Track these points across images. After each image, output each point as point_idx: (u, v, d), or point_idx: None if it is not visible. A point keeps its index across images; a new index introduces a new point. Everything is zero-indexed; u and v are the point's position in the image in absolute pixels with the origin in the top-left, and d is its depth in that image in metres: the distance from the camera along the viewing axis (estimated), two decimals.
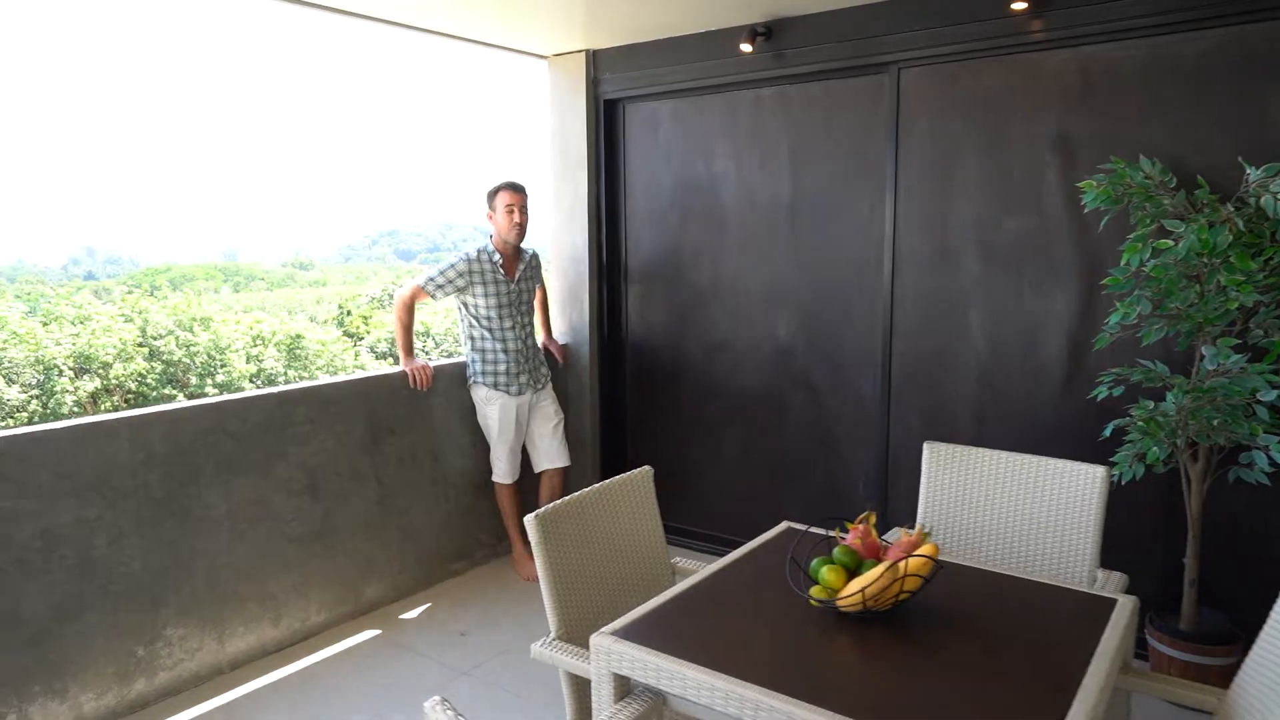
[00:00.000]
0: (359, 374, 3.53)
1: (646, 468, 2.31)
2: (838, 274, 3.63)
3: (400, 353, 3.69)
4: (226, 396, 3.01)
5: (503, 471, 3.82)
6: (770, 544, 2.14)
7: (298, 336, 21.26)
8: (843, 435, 3.71)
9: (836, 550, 1.73)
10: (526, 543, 3.94)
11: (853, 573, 1.69)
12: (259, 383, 19.59)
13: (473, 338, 3.74)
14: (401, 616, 3.46)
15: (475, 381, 3.77)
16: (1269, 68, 2.69)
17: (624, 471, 2.25)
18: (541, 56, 4.26)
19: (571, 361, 4.38)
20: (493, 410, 3.74)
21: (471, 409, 3.83)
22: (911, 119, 3.36)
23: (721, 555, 2.10)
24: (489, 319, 3.68)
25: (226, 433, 2.97)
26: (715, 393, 4.05)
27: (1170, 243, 2.48)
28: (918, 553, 1.63)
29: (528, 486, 3.98)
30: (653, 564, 2.22)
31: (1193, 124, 2.82)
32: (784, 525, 2.27)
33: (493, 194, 3.65)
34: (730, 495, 4.06)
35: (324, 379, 3.39)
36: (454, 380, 3.79)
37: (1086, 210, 2.67)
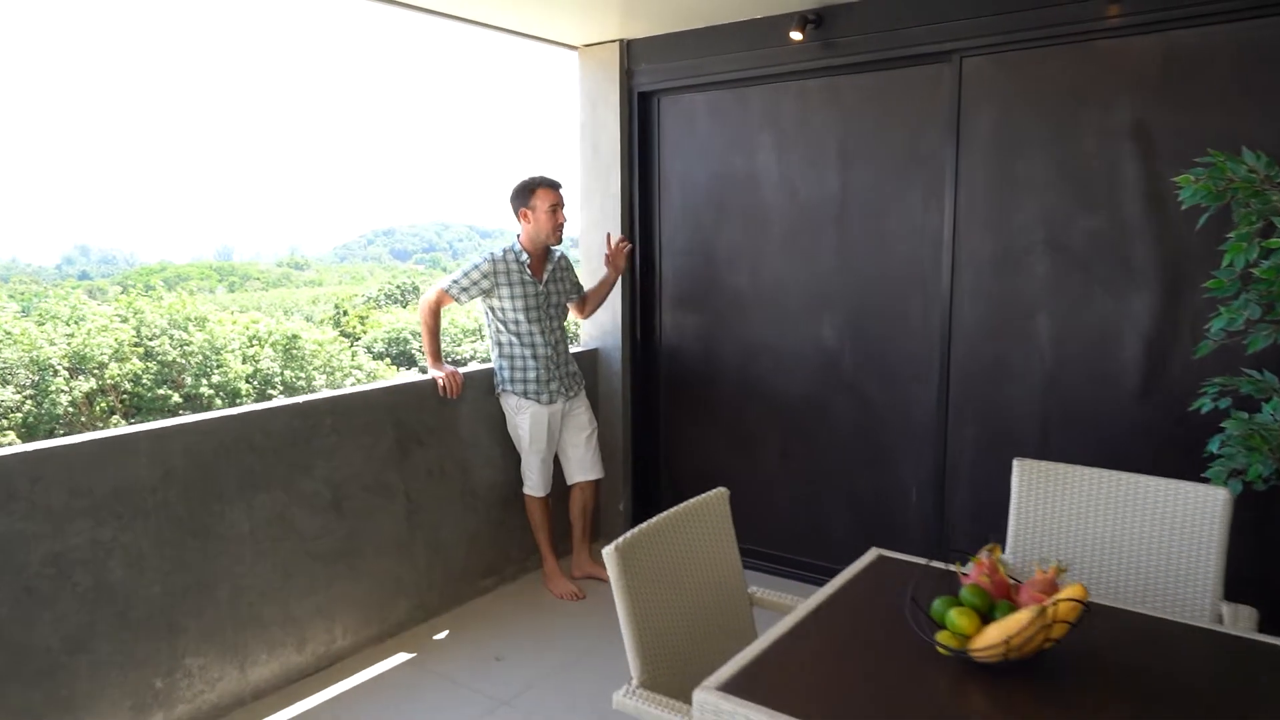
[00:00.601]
0: (385, 382, 3.32)
1: (722, 489, 2.11)
2: (891, 275, 3.44)
3: (428, 359, 3.48)
4: (251, 407, 2.80)
5: (534, 484, 3.62)
6: (865, 576, 1.95)
7: (294, 336, 20.99)
8: (893, 445, 3.52)
9: (964, 591, 1.53)
10: (559, 558, 3.74)
11: (984, 616, 1.50)
12: (255, 384, 19.32)
13: (500, 343, 3.54)
14: (432, 638, 3.26)
15: (504, 390, 3.57)
16: None
17: (656, 484, 2.06)
18: (572, 47, 4.06)
19: (603, 367, 4.18)
20: (523, 420, 3.54)
21: (501, 418, 3.63)
22: (974, 111, 3.17)
23: (762, 570, 1.98)
24: (516, 323, 3.48)
25: (250, 446, 2.76)
26: (755, 400, 3.85)
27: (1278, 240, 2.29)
28: (1063, 595, 1.44)
29: (557, 498, 3.78)
30: (732, 595, 2.02)
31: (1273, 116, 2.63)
32: (875, 554, 2.08)
33: (529, 191, 3.43)
34: (771, 507, 3.86)
35: (349, 388, 3.18)
36: (481, 388, 3.59)
37: (1184, 207, 2.48)
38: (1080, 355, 3.06)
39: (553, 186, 3.44)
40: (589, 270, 4.18)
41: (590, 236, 4.15)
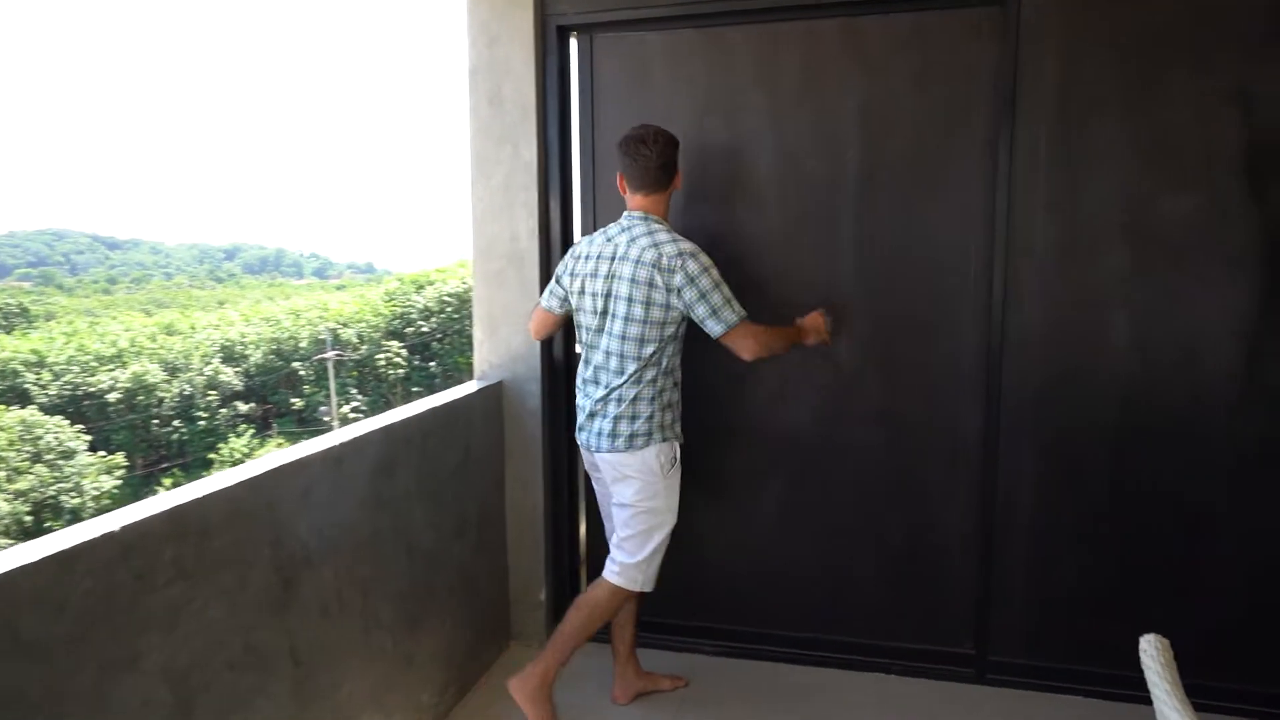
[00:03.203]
0: (253, 469, 1.86)
1: None
2: (927, 273, 2.73)
3: (791, 339, 2.57)
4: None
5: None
6: None
7: None
8: (929, 484, 2.82)
9: None
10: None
11: None
12: None
13: (658, 377, 2.40)
14: None
15: (663, 438, 2.41)
16: None
17: (591, 566, 1.15)
18: None
19: (511, 406, 2.99)
20: (676, 475, 2.48)
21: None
22: (1036, 65, 2.57)
23: (774, 658, 1.13)
24: (680, 339, 2.48)
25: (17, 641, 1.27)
26: (743, 436, 2.94)
27: None
28: None
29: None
30: None
31: None
32: None
33: (676, 146, 2.42)
34: (770, 575, 2.97)
35: (192, 490, 1.71)
36: (440, 429, 2.26)
37: None
38: (1166, 363, 2.58)
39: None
40: (485, 272, 2.97)
41: (491, 226, 2.94)
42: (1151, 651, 1.19)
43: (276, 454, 1.92)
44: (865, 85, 2.70)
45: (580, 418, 2.50)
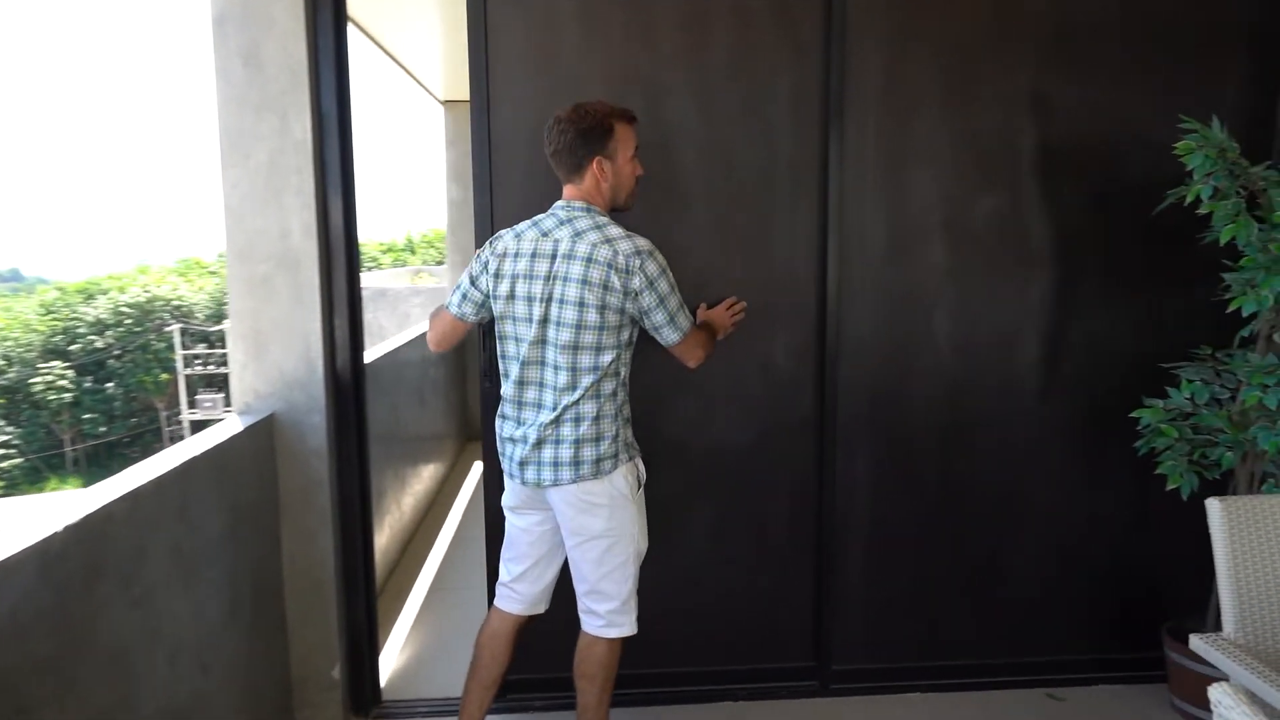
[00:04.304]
0: None
1: None
2: (768, 269, 2.58)
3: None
4: None
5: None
6: None
7: None
8: (766, 494, 2.67)
9: None
10: None
11: None
12: None
13: (617, 390, 2.05)
14: None
15: (621, 460, 2.05)
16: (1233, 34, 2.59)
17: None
18: None
19: (286, 445, 2.39)
20: (640, 499, 2.13)
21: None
22: (858, 49, 2.51)
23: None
24: (632, 346, 2.12)
25: None
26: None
27: None
28: None
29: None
30: None
31: (1171, 89, 2.59)
32: None
33: (606, 127, 1.99)
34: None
35: None
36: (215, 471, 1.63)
37: (1196, 180, 2.22)
38: (981, 358, 2.66)
39: (633, 119, 2.06)
40: (245, 278, 2.35)
41: (252, 220, 2.32)
42: (1228, 702, 1.05)
43: None
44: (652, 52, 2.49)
45: (516, 451, 2.05)
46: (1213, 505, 1.70)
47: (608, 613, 2.08)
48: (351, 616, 2.55)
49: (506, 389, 2.07)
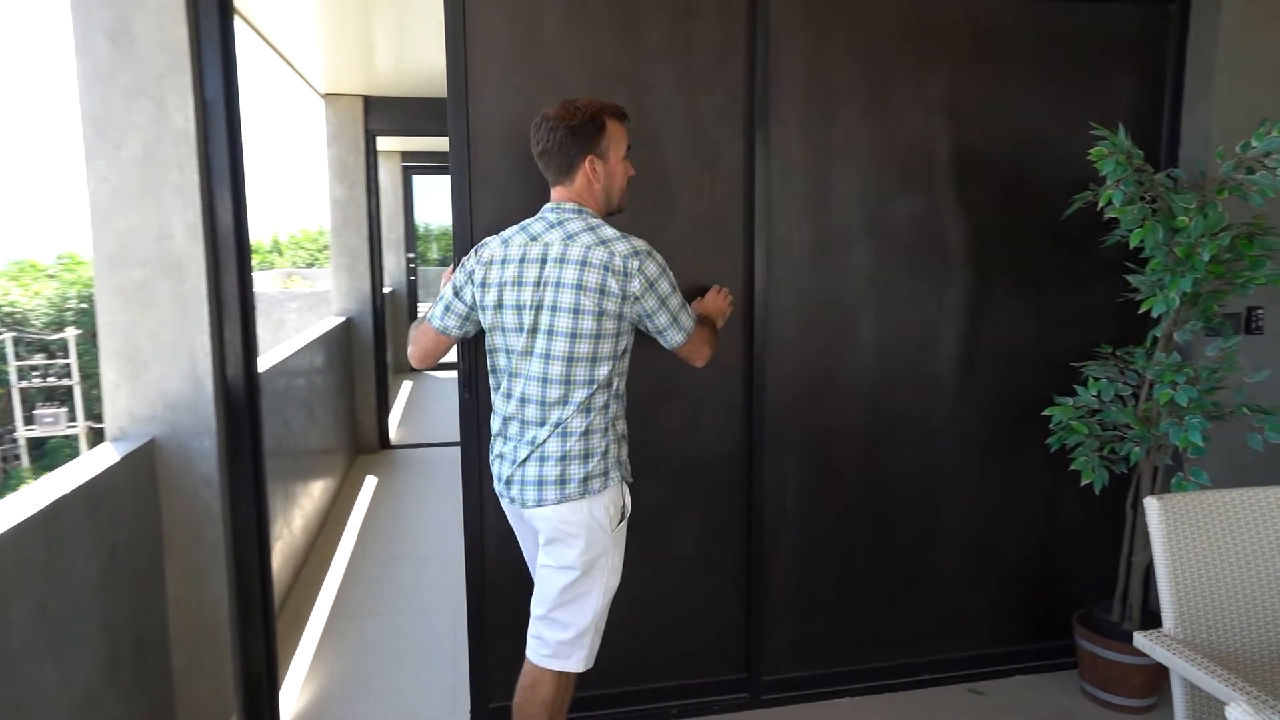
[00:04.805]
0: None
1: None
2: (700, 271, 2.49)
3: None
4: None
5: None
6: None
7: None
8: (697, 505, 2.60)
9: None
10: None
11: None
12: None
13: (609, 402, 1.92)
14: None
15: (609, 482, 1.90)
16: (1120, 48, 2.70)
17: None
18: None
19: (171, 474, 2.12)
20: (624, 528, 1.99)
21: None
22: (786, 61, 2.47)
23: None
24: (627, 355, 1.98)
25: None
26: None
27: (1187, 220, 2.26)
28: None
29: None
30: None
31: (1070, 99, 2.68)
32: None
33: (597, 124, 1.87)
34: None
35: None
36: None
37: (1108, 186, 2.28)
38: (902, 360, 2.67)
39: (624, 115, 1.95)
40: (117, 287, 2.06)
41: (124, 218, 2.03)
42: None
43: None
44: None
45: (504, 469, 1.93)
46: (1151, 504, 1.73)
47: (558, 643, 1.93)
48: (248, 662, 2.29)
49: (496, 403, 1.95)
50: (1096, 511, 2.80)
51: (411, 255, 9.47)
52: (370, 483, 5.21)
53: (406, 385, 8.58)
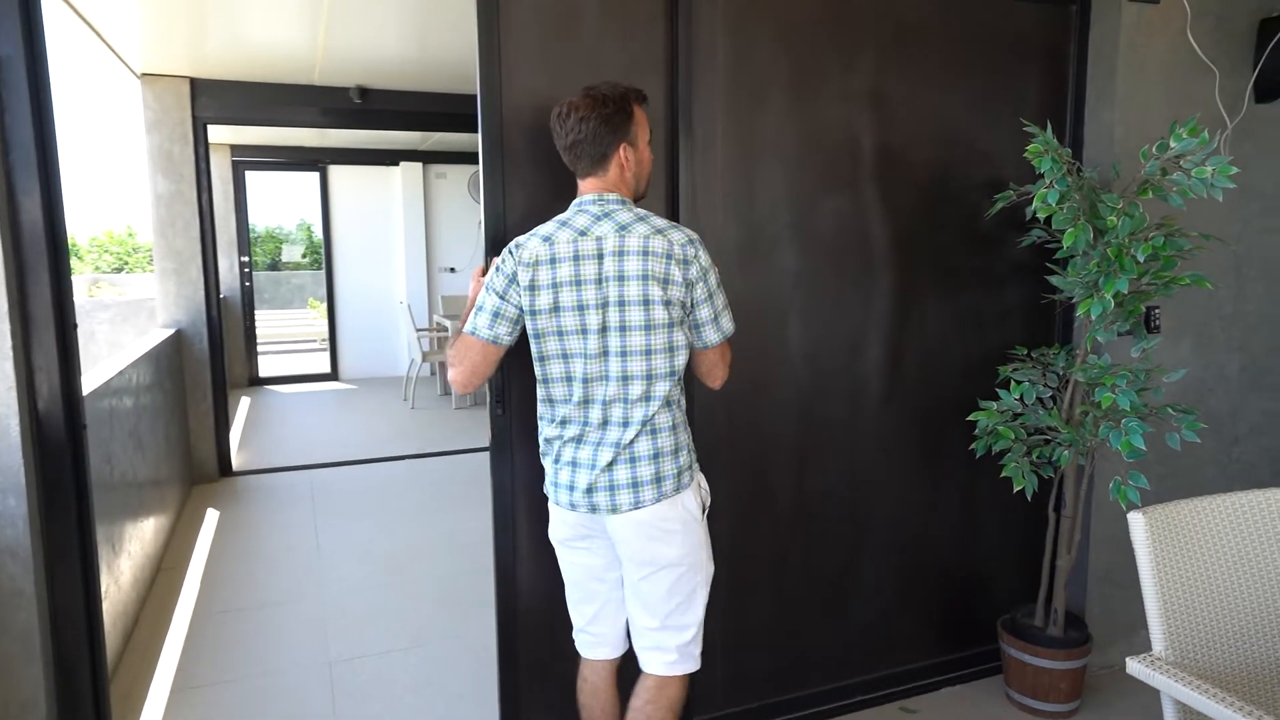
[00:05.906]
0: None
1: None
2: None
3: None
4: None
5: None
6: None
7: None
8: None
9: None
10: None
11: None
12: None
13: (680, 398, 1.86)
14: None
15: (695, 468, 1.88)
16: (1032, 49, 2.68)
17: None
18: None
19: None
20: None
21: None
22: (709, 49, 2.25)
23: None
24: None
25: None
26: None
27: (1115, 221, 2.23)
28: None
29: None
30: None
31: (981, 94, 2.62)
32: None
33: (627, 114, 1.77)
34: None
35: None
36: None
37: (1043, 185, 2.20)
38: (830, 367, 2.53)
39: (645, 99, 1.85)
40: None
41: None
42: None
43: None
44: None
45: (580, 478, 1.79)
46: (1135, 519, 1.63)
47: (680, 646, 1.86)
48: (68, 683, 1.81)
49: (557, 411, 1.81)
50: (1018, 515, 2.77)
51: (245, 259, 8.61)
52: (211, 517, 4.57)
53: (245, 402, 7.75)
